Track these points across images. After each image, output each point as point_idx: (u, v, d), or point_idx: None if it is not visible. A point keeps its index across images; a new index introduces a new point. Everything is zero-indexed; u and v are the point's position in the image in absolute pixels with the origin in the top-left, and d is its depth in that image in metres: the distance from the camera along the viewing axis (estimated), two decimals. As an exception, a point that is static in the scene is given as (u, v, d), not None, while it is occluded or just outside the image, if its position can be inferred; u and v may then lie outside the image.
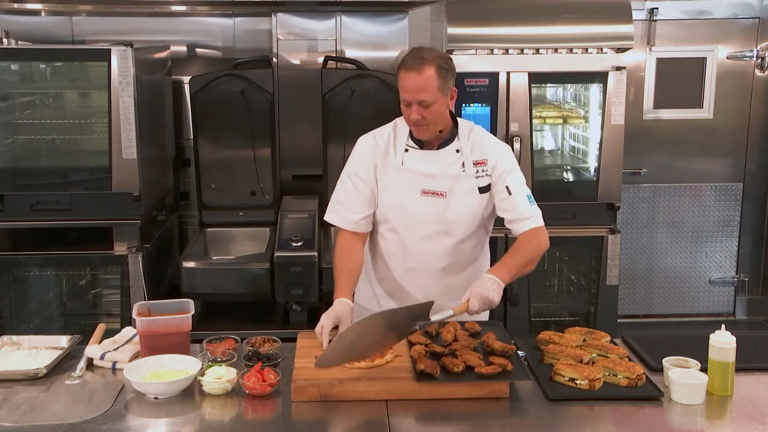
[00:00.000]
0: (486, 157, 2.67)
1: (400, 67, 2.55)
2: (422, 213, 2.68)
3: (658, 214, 5.03)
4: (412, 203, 2.68)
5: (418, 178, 2.67)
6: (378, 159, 2.72)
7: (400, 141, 2.72)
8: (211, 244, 4.34)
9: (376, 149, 2.73)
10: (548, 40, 3.98)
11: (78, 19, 4.80)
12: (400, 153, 2.70)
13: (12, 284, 4.04)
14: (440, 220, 2.68)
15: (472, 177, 2.66)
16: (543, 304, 4.50)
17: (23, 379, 2.37)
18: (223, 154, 4.40)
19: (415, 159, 2.68)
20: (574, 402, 2.21)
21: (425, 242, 2.71)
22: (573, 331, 2.61)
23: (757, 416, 2.14)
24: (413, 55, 2.54)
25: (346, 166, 2.79)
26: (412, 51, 2.59)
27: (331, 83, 4.26)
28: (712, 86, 4.88)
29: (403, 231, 2.72)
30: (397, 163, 2.70)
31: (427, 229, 2.69)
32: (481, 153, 2.68)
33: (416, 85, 2.50)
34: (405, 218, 2.70)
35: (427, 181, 2.66)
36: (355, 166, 2.74)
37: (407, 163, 2.69)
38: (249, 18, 4.90)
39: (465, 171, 2.66)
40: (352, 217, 2.74)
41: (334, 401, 2.20)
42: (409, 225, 2.70)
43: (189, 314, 2.49)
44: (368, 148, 2.74)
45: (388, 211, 2.72)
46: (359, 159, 2.75)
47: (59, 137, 4.05)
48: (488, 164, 2.67)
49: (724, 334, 2.27)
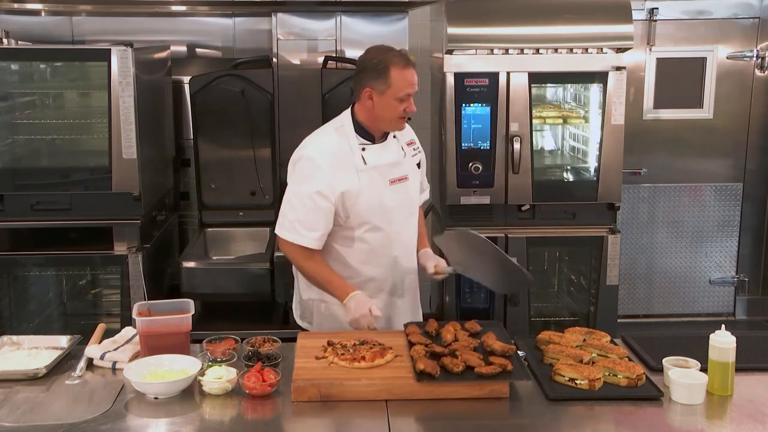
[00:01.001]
0: (412, 138, 2.94)
1: (392, 65, 2.64)
2: (395, 201, 2.80)
3: (658, 214, 5.03)
4: (386, 196, 2.77)
5: (384, 170, 2.78)
6: (339, 170, 2.70)
7: (352, 142, 2.75)
8: (211, 244, 4.34)
9: (334, 161, 2.71)
10: (548, 40, 3.98)
11: (78, 19, 4.80)
12: (358, 153, 2.74)
13: (12, 284, 4.04)
14: (408, 202, 2.88)
15: (410, 157, 2.89)
16: (543, 304, 4.50)
17: (23, 379, 2.37)
18: (223, 154, 4.40)
19: (374, 154, 2.77)
20: (574, 402, 2.21)
21: (402, 228, 2.85)
22: (573, 331, 2.61)
23: (757, 416, 2.14)
24: (398, 54, 2.69)
25: (300, 186, 2.71)
26: (388, 50, 2.72)
27: (331, 83, 4.26)
28: (712, 86, 4.87)
29: (384, 225, 2.79)
30: (359, 163, 2.73)
31: (401, 215, 2.84)
32: (407, 135, 2.91)
33: (415, 77, 2.69)
34: (383, 212, 2.77)
35: (391, 171, 2.80)
36: (316, 184, 2.68)
37: (369, 160, 2.74)
38: (249, 18, 4.90)
39: (405, 153, 2.87)
40: (314, 235, 2.72)
41: (334, 401, 2.20)
42: (388, 217, 2.79)
43: (189, 314, 2.49)
44: (325, 162, 2.70)
45: (366, 211, 2.74)
46: (319, 176, 2.68)
47: (59, 137, 4.05)
48: (416, 143, 2.95)
49: (724, 334, 2.27)
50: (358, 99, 2.74)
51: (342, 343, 2.43)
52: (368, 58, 2.70)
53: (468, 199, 4.03)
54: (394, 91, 2.64)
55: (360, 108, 2.76)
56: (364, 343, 2.43)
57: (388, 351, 2.38)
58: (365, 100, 2.70)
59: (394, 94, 2.64)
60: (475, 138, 4.00)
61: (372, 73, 2.66)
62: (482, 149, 3.99)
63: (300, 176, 2.74)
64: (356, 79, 2.73)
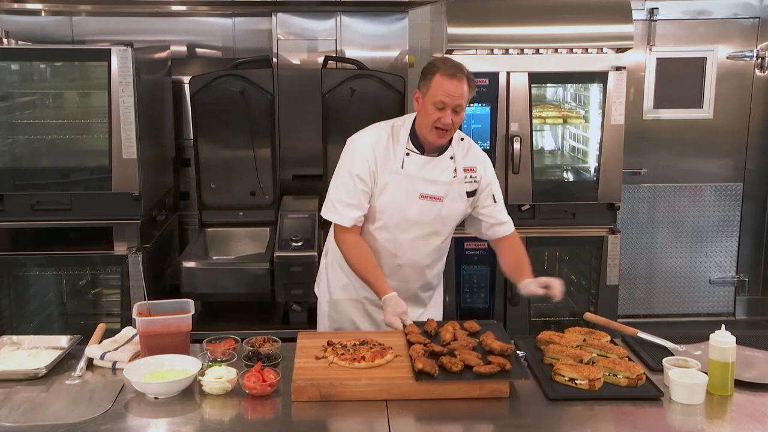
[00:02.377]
0: (475, 165, 2.86)
1: (438, 72, 2.65)
2: (418, 216, 2.78)
3: (658, 214, 5.03)
4: (410, 206, 2.77)
5: (417, 182, 2.76)
6: (378, 161, 2.76)
7: (400, 144, 2.77)
8: (211, 244, 4.34)
9: (376, 151, 2.77)
10: (548, 40, 3.98)
11: (78, 19, 4.80)
12: (400, 156, 2.76)
13: (12, 284, 4.04)
14: (434, 222, 2.81)
15: (462, 182, 2.82)
16: (543, 304, 4.49)
17: (23, 379, 2.37)
18: (223, 154, 4.40)
19: (416, 163, 2.76)
20: (574, 402, 2.21)
21: (417, 242, 2.82)
22: (573, 331, 2.61)
23: (757, 416, 2.14)
24: (451, 64, 2.68)
25: (346, 166, 2.80)
26: (445, 60, 2.73)
27: (331, 83, 4.26)
28: (712, 86, 4.88)
29: (397, 231, 2.80)
30: (397, 166, 2.76)
31: (420, 231, 2.81)
32: (470, 161, 2.85)
33: (458, 91, 2.64)
34: (401, 220, 2.79)
35: (426, 186, 2.77)
36: (357, 166, 2.76)
37: (408, 167, 2.75)
38: (249, 18, 4.90)
39: (456, 176, 2.81)
40: (355, 215, 2.77)
41: (334, 401, 2.20)
42: (404, 227, 2.79)
43: (189, 314, 2.49)
44: (368, 149, 2.77)
45: (383, 211, 2.78)
46: (360, 160, 2.77)
47: (59, 137, 4.05)
48: (477, 171, 2.85)
49: (724, 334, 2.27)
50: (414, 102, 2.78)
51: (342, 343, 2.43)
52: (428, 63, 2.76)
53: (468, 199, 4.03)
54: (431, 96, 2.66)
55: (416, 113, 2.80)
56: (364, 343, 2.43)
57: (388, 351, 2.38)
58: (414, 103, 2.76)
59: (432, 98, 2.66)
60: (475, 138, 3.95)
61: (423, 75, 2.73)
62: (482, 149, 3.98)
63: (344, 159, 2.81)
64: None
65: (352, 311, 2.96)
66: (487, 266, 4.09)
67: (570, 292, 4.55)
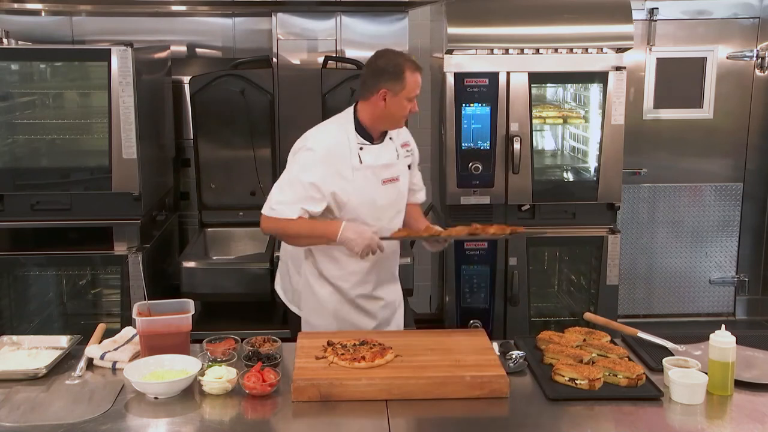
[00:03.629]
0: (407, 140, 3.05)
1: (406, 69, 2.78)
2: (386, 200, 2.90)
3: (658, 214, 5.03)
4: (377, 194, 2.87)
5: (378, 170, 2.87)
6: (336, 166, 2.79)
7: (351, 141, 2.84)
8: (211, 244, 4.34)
9: (332, 157, 2.79)
10: (548, 40, 3.98)
11: (78, 19, 4.80)
12: (355, 152, 2.83)
13: (12, 284, 4.04)
14: (397, 201, 2.98)
15: (403, 158, 2.99)
16: (543, 304, 4.50)
17: (23, 379, 2.37)
18: (223, 154, 4.40)
19: (370, 154, 2.86)
20: (574, 402, 2.22)
21: (389, 225, 2.93)
22: (573, 331, 2.62)
23: (757, 416, 2.15)
24: (409, 58, 2.85)
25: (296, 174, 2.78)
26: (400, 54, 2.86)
27: (331, 83, 4.26)
28: (712, 86, 4.87)
29: (374, 221, 2.87)
30: (355, 162, 2.82)
31: (390, 213, 2.94)
32: (403, 137, 3.03)
33: (420, 79, 2.84)
34: (374, 209, 2.87)
35: (384, 171, 2.89)
36: (312, 175, 2.76)
37: (365, 160, 2.84)
38: (249, 18, 4.90)
39: (399, 154, 2.96)
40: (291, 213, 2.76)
41: (334, 401, 2.20)
42: (378, 215, 2.89)
43: (189, 314, 2.49)
44: (324, 157, 2.78)
45: (357, 208, 2.84)
46: (316, 170, 2.77)
47: (59, 137, 4.05)
48: (411, 145, 3.05)
49: (724, 334, 2.27)
50: (368, 99, 2.83)
51: (342, 343, 2.43)
52: (384, 62, 2.81)
53: (468, 199, 4.03)
54: (407, 92, 2.79)
55: (365, 107, 2.85)
56: (364, 343, 2.43)
57: (388, 351, 2.38)
58: (378, 101, 2.80)
59: (407, 94, 2.79)
60: (475, 138, 4.00)
61: (389, 75, 2.78)
62: (482, 149, 4.00)
63: (298, 165, 2.82)
64: (370, 82, 2.82)
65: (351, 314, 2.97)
66: (487, 266, 4.10)
67: (570, 291, 4.56)
